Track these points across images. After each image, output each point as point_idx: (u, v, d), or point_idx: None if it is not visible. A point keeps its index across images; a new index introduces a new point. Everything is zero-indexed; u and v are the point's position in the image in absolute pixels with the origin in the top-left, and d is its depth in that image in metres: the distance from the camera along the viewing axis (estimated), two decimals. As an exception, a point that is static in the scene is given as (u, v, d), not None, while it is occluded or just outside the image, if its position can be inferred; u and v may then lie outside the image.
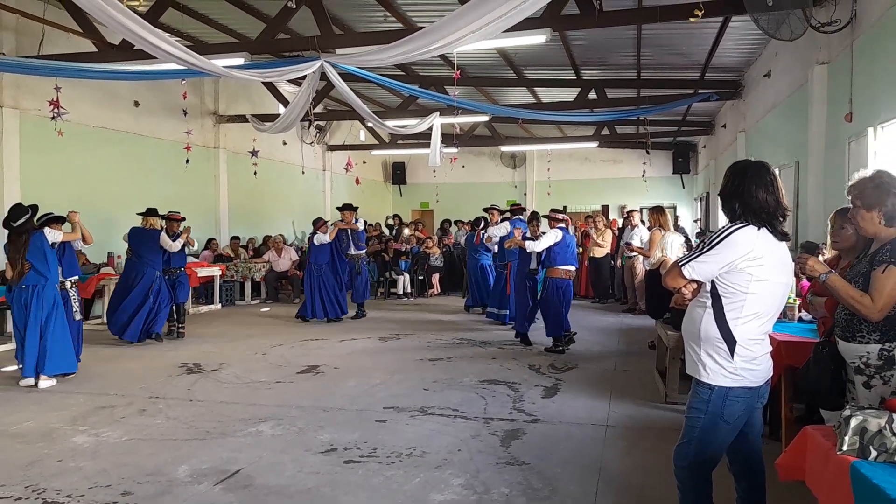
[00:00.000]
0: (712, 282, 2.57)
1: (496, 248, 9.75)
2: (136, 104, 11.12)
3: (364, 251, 10.39)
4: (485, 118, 13.35)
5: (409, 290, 12.81)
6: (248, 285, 12.15)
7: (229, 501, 3.46)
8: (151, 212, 8.29)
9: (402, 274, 12.89)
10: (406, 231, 15.12)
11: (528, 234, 8.03)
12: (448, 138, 13.15)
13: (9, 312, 8.13)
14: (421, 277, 12.99)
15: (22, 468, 3.95)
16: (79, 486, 3.67)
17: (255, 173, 13.04)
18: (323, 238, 9.75)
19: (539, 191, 19.91)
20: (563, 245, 7.38)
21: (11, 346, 7.79)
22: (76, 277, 6.71)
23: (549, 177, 18.96)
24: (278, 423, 4.79)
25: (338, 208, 10.15)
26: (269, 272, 12.27)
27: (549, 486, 3.69)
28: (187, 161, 10.94)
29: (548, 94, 13.85)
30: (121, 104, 10.78)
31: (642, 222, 10.78)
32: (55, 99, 8.72)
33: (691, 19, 6.46)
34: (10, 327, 8.08)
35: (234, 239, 12.93)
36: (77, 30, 8.58)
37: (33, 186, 9.13)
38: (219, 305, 11.38)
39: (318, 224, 9.98)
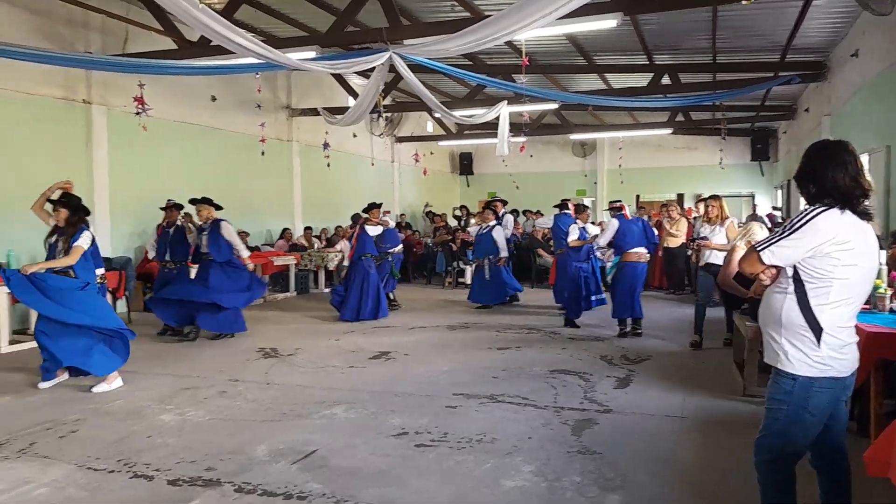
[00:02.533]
0: (794, 266, 2.45)
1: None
2: (213, 99, 11.51)
3: (397, 247, 10.03)
4: (554, 106, 13.18)
5: (477, 280, 12.80)
6: (321, 274, 12.45)
7: (305, 480, 3.57)
8: (178, 205, 8.19)
9: (470, 264, 12.89)
10: (473, 221, 15.13)
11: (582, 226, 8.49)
12: (516, 127, 13.06)
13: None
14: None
15: (114, 443, 4.19)
16: (166, 461, 3.86)
17: (328, 165, 13.31)
18: (374, 230, 9.37)
19: (610, 179, 19.54)
20: (624, 232, 7.62)
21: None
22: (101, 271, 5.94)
23: (620, 165, 18.54)
24: (351, 407, 4.91)
25: (363, 211, 9.75)
26: (342, 261, 12.51)
27: (621, 476, 3.63)
28: (262, 153, 11.27)
29: (619, 80, 13.55)
30: (199, 100, 11.19)
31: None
32: (139, 95, 9.13)
33: (743, 2, 6.05)
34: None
35: (308, 229, 13.26)
36: (158, 28, 8.95)
37: (120, 178, 9.62)
38: (294, 293, 11.72)
39: (361, 220, 9.57)
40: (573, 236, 8.45)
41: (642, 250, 7.66)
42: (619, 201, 8.14)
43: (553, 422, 4.55)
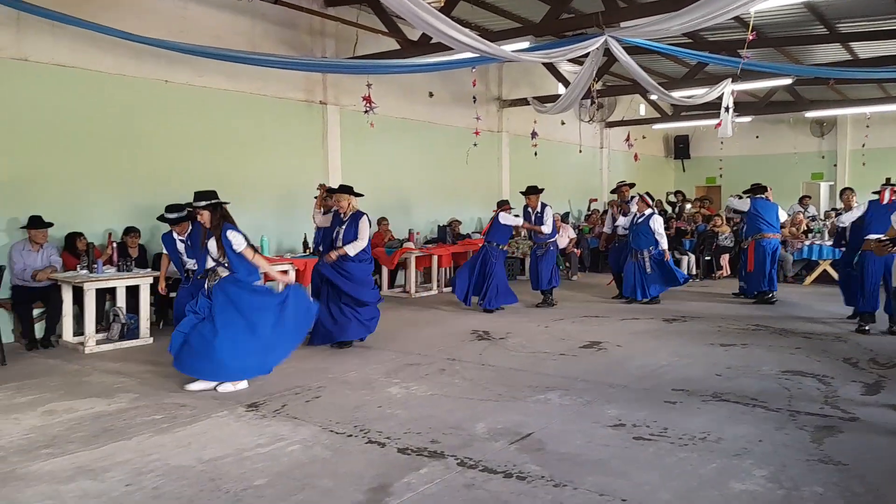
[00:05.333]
0: None
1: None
2: (431, 95, 12.10)
3: (552, 239, 9.29)
4: (786, 81, 11.96)
5: (693, 272, 12.11)
6: (527, 261, 12.55)
7: (524, 461, 3.64)
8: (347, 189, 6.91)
9: (686, 254, 12.23)
10: (688, 206, 14.32)
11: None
12: (741, 106, 12.08)
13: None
14: (708, 258, 12.19)
15: (350, 411, 4.62)
16: (396, 430, 4.18)
17: (535, 154, 13.39)
18: (511, 218, 8.78)
19: (853, 161, 17.28)
20: (870, 219, 7.05)
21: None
22: None
23: (864, 144, 16.31)
24: (565, 394, 4.91)
25: (522, 192, 9.37)
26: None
27: (874, 492, 3.24)
28: (475, 144, 11.65)
29: (868, 49, 11.92)
30: (417, 96, 11.83)
31: None
32: (367, 95, 9.91)
33: None
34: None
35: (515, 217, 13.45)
36: (384, 30, 9.60)
37: (351, 172, 10.49)
38: (502, 280, 11.99)
39: (504, 206, 9.08)
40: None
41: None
42: (888, 181, 7.18)
43: (787, 426, 4.17)
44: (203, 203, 5.22)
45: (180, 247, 5.91)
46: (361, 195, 6.95)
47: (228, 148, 9.00)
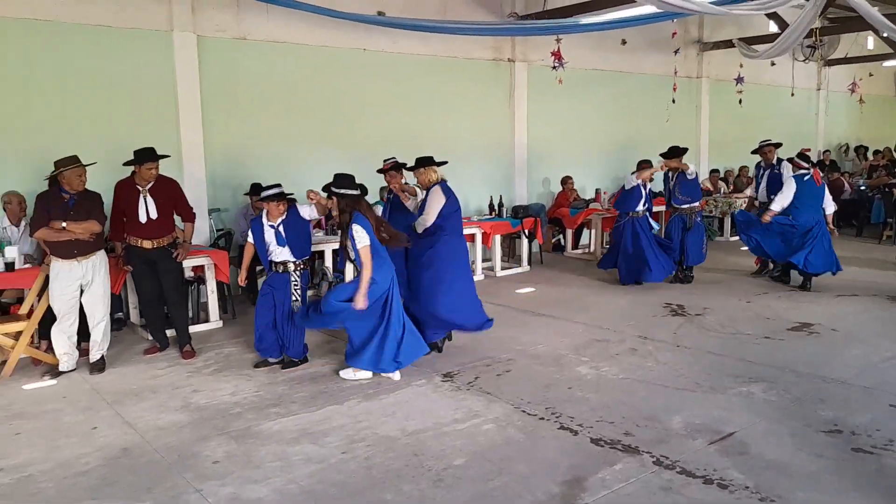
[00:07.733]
0: None
1: None
2: (623, 42, 11.44)
3: (696, 203, 8.06)
4: None
5: (926, 237, 10.58)
6: (726, 221, 11.73)
7: (725, 466, 3.48)
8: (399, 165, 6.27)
9: (918, 215, 10.67)
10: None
11: None
12: None
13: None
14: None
15: (541, 389, 4.69)
16: (587, 417, 4.17)
17: (740, 101, 12.27)
18: (630, 179, 7.78)
19: None
20: None
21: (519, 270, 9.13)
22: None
23: None
24: (771, 387, 4.59)
25: (662, 154, 8.17)
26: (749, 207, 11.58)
27: None
28: (673, 101, 10.95)
29: None
30: (609, 44, 11.23)
31: None
32: (556, 50, 9.64)
33: None
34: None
35: (713, 172, 12.52)
36: (579, -19, 9.21)
37: (536, 128, 10.39)
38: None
39: (643, 165, 8.03)
40: None
41: None
42: None
43: None
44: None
45: (269, 235, 5.26)
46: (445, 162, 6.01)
47: (421, 110, 9.27)
